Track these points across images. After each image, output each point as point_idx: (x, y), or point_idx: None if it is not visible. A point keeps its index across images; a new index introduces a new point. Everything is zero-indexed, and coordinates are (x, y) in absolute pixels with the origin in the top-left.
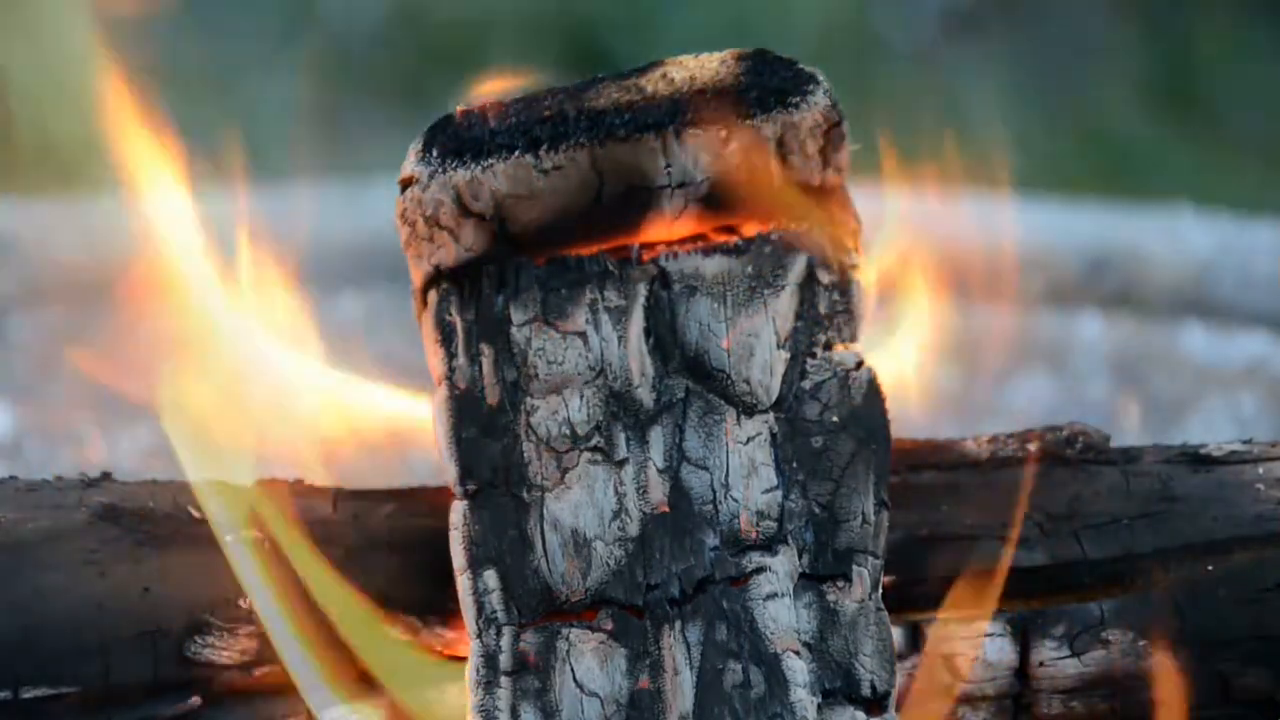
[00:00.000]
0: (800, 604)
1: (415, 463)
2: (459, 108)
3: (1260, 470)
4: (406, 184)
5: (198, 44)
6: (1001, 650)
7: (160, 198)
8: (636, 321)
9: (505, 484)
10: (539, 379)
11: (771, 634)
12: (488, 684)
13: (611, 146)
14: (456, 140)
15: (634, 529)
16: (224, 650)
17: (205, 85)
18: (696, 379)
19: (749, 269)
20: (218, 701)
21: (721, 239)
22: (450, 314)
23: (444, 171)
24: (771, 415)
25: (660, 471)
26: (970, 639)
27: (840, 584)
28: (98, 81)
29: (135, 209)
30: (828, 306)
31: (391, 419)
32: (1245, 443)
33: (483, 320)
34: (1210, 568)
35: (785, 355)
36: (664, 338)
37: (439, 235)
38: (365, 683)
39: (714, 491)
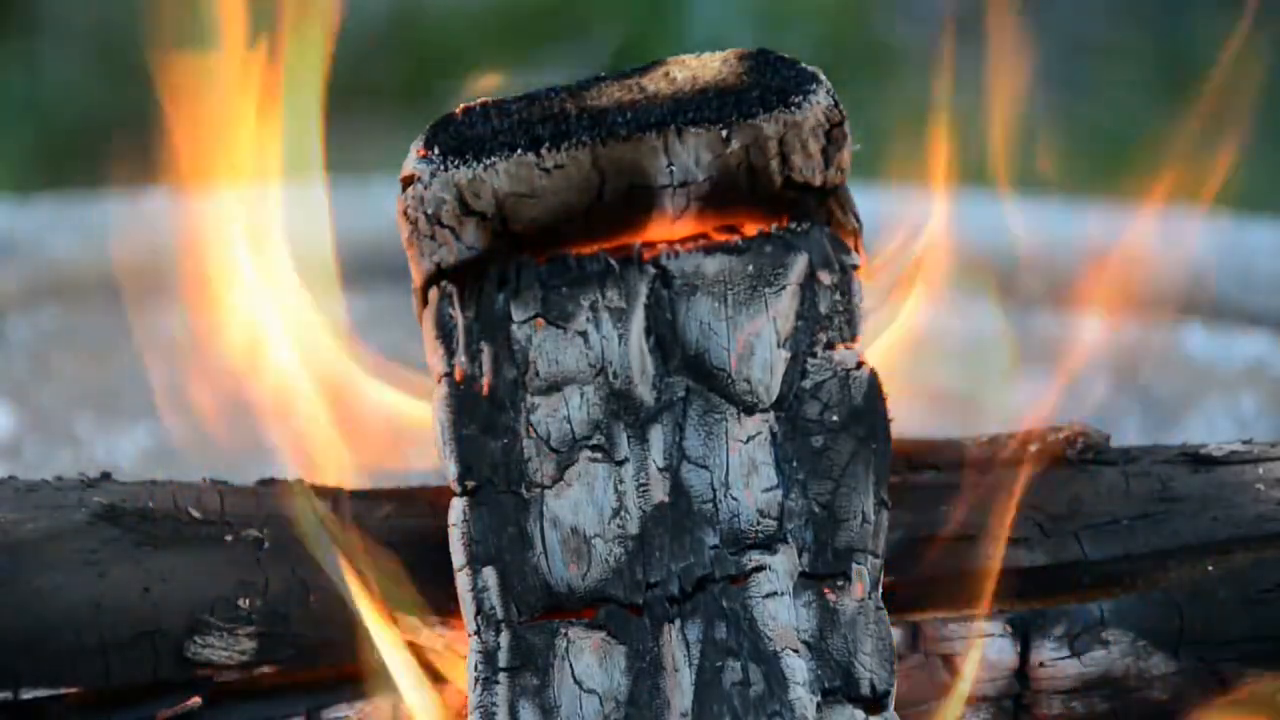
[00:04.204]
0: (800, 603)
1: (415, 462)
2: (461, 106)
3: (1260, 470)
4: (408, 182)
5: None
6: (1001, 650)
7: (174, 196)
8: (637, 320)
9: (505, 481)
10: (539, 377)
11: (771, 632)
12: (486, 681)
13: (613, 145)
14: (458, 139)
15: (634, 527)
16: (224, 650)
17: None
18: (697, 378)
19: (750, 268)
20: (218, 701)
21: (723, 238)
22: (451, 312)
23: (446, 170)
24: (772, 414)
25: (660, 470)
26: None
27: (840, 583)
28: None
29: (146, 209)
30: (828, 306)
31: (393, 417)
32: (1245, 443)
33: (483, 318)
34: (1210, 568)
35: (786, 354)
36: (665, 336)
37: (440, 233)
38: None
39: (714, 490)
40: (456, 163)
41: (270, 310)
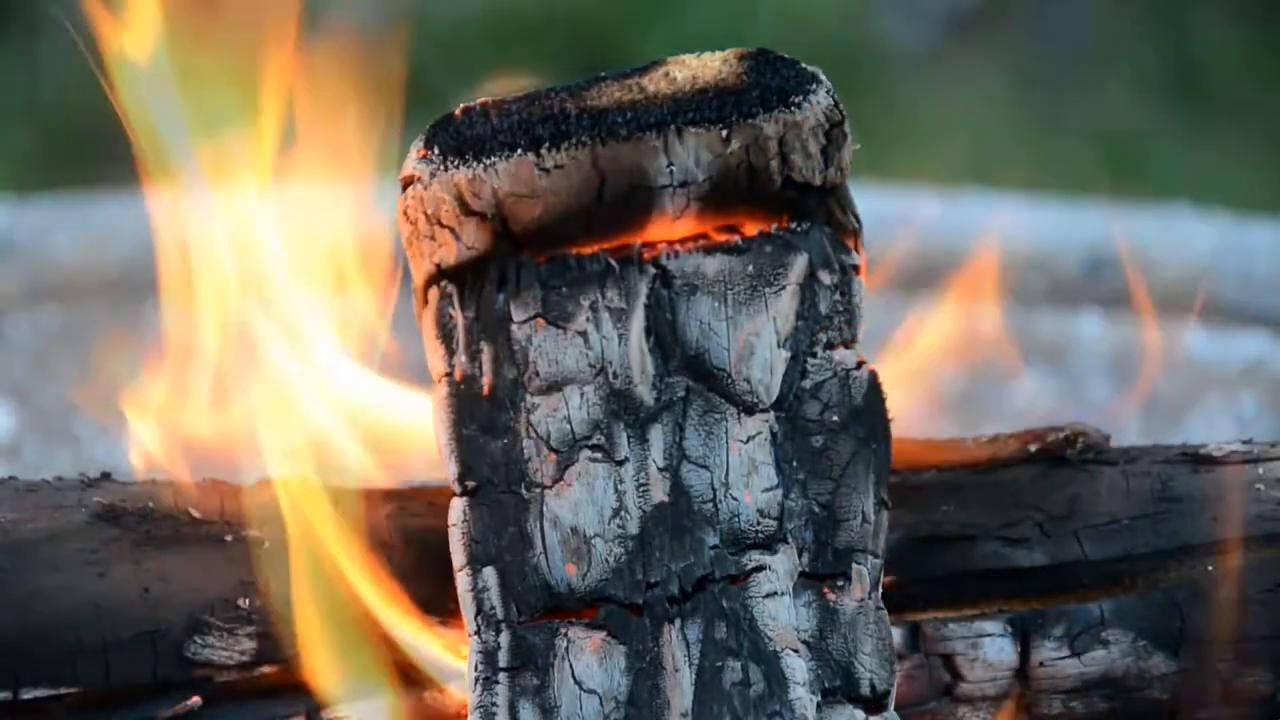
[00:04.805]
0: (800, 603)
1: (415, 462)
2: (461, 106)
3: (1260, 470)
4: (408, 182)
5: (199, 43)
6: (1001, 650)
7: (173, 196)
8: (637, 320)
9: (505, 481)
10: (539, 377)
11: (771, 632)
12: (486, 681)
13: (613, 145)
14: (458, 139)
15: (634, 527)
16: (224, 650)
17: (207, 84)
18: (697, 378)
19: (750, 268)
20: (218, 701)
21: (723, 238)
22: (451, 312)
23: (445, 170)
24: (772, 414)
25: (660, 470)
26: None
27: (840, 583)
28: (111, 80)
29: (147, 208)
30: (828, 306)
31: (393, 416)
32: (1245, 443)
33: (483, 318)
34: (1210, 568)
35: (786, 354)
36: (665, 336)
37: (440, 234)
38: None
39: (714, 490)
40: (456, 163)
41: (269, 310)
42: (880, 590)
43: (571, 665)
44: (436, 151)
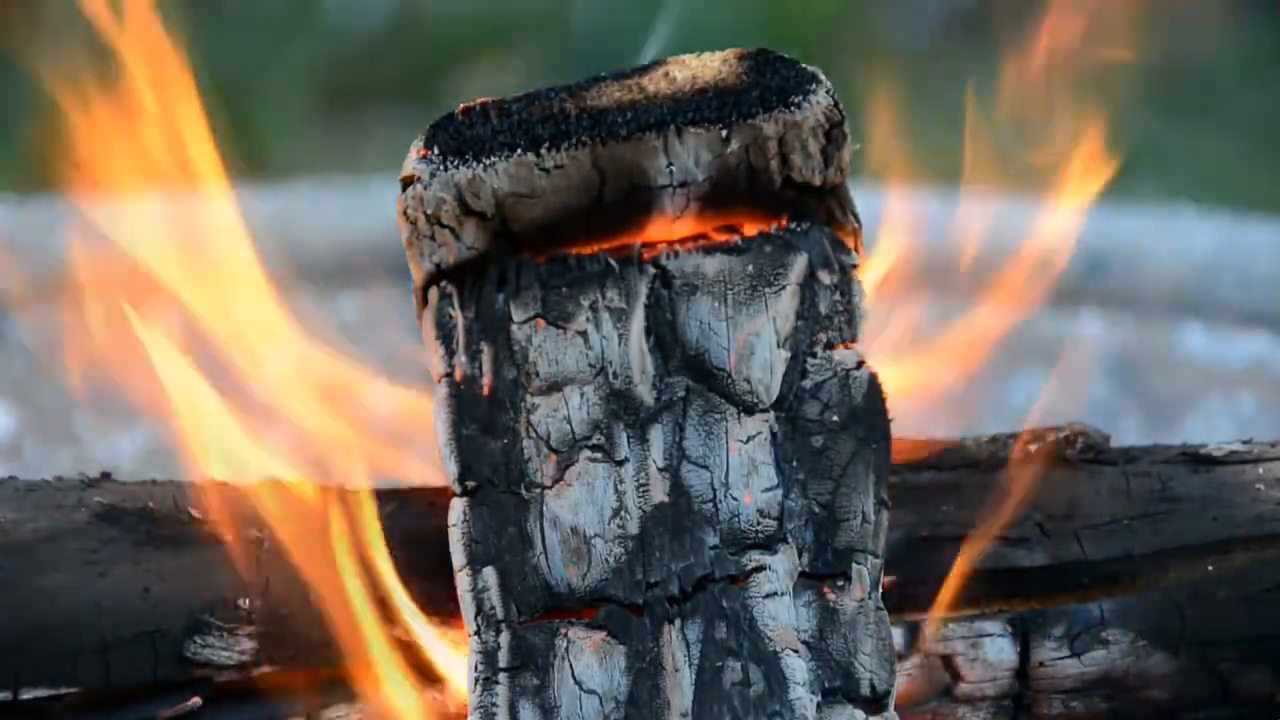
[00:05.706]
0: (800, 603)
1: (415, 462)
2: (461, 106)
3: (1260, 470)
4: (408, 182)
5: (198, 43)
6: (1001, 650)
7: (170, 197)
8: (637, 320)
9: (505, 482)
10: (539, 377)
11: (771, 632)
12: (486, 681)
13: (613, 145)
14: (458, 139)
15: (634, 527)
16: (224, 650)
17: (207, 84)
18: (697, 378)
19: (750, 268)
20: (218, 701)
21: (722, 238)
22: (451, 312)
23: (445, 170)
24: (772, 414)
25: (660, 470)
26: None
27: (840, 583)
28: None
29: (143, 208)
30: (828, 306)
31: (393, 417)
32: (1245, 443)
33: (483, 318)
34: (1210, 568)
35: (786, 354)
36: (665, 336)
37: (440, 234)
38: (365, 682)
39: (714, 490)
40: (456, 163)
41: (267, 309)
42: (880, 590)
43: (571, 665)
44: (436, 151)
